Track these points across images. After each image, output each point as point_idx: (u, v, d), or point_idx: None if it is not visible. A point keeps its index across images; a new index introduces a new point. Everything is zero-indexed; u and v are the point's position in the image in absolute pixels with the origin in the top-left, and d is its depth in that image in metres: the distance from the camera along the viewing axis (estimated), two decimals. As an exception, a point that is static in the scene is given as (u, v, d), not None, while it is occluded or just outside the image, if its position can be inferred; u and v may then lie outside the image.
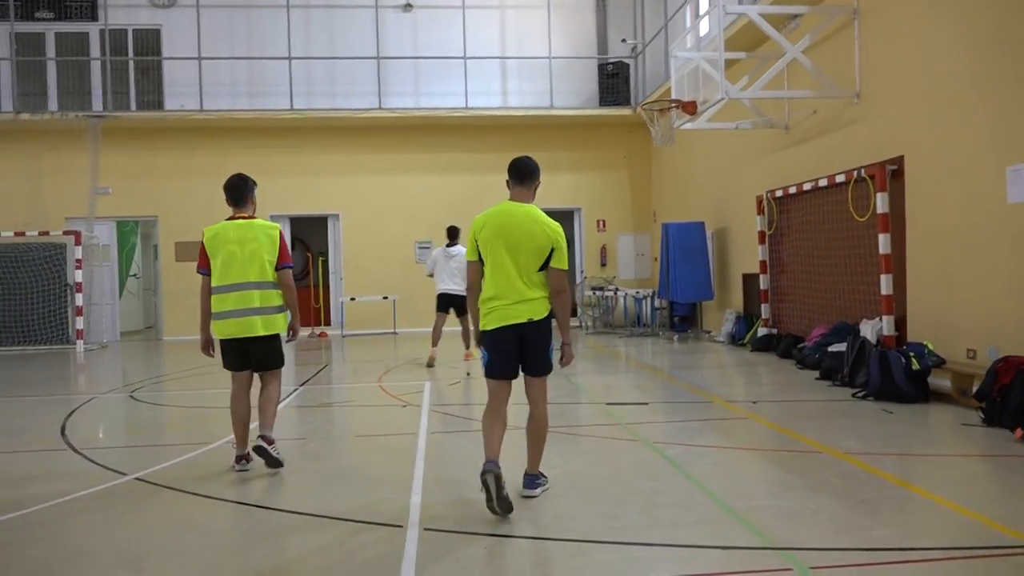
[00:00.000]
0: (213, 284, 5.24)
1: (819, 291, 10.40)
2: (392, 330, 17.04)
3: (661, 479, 4.86)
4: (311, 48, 17.55)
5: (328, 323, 17.67)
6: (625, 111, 16.89)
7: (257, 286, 5.19)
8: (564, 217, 18.62)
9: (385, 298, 17.00)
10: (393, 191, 17.71)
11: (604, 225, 18.22)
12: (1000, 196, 7.01)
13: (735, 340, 12.48)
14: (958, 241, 7.63)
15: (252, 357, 5.32)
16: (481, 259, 4.46)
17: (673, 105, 10.56)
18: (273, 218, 17.39)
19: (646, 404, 7.47)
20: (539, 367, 4.50)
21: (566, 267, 4.49)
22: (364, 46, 17.35)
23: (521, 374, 4.54)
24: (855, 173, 9.05)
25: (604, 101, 17.50)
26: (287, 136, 17.36)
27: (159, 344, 16.40)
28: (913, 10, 8.33)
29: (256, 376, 5.42)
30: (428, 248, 17.54)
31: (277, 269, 5.28)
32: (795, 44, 9.75)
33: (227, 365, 5.39)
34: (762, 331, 11.68)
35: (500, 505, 4.08)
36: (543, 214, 4.51)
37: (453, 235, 11.28)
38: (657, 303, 14.95)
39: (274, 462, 5.20)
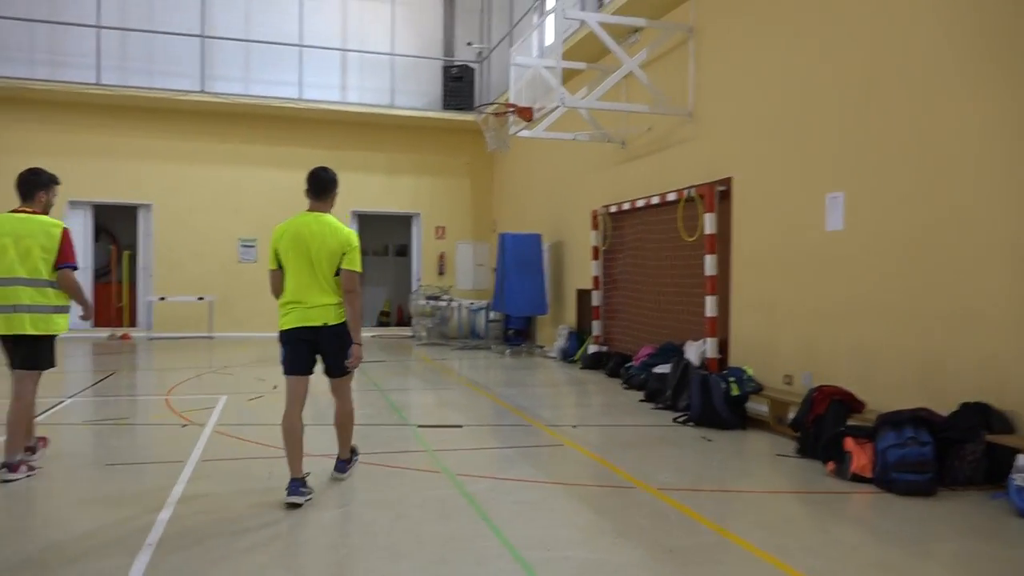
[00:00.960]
0: None
1: (648, 310, 10.25)
2: (207, 334, 15.59)
3: (455, 522, 4.23)
4: (127, 19, 15.81)
5: (133, 324, 15.92)
6: (469, 116, 16.33)
7: (28, 283, 5.00)
8: (401, 222, 17.89)
9: (201, 299, 15.54)
10: (215, 183, 16.27)
11: (443, 232, 17.62)
12: (819, 223, 6.99)
13: (567, 356, 12.19)
14: (779, 265, 7.59)
15: (17, 355, 5.10)
16: (281, 267, 4.71)
17: (509, 110, 10.10)
18: (74, 204, 15.59)
19: (460, 427, 6.86)
20: (338, 369, 4.82)
21: (358, 268, 4.72)
22: (189, 22, 15.85)
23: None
24: (685, 192, 8.93)
25: (448, 104, 16.93)
26: (94, 114, 15.54)
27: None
28: (745, 30, 8.29)
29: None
30: (252, 247, 16.27)
31: (56, 268, 5.08)
32: (633, 57, 9.55)
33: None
34: (593, 348, 11.44)
35: None
36: (338, 222, 4.79)
37: None
38: (492, 315, 14.48)
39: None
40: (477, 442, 6.34)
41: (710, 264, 8.46)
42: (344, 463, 5.09)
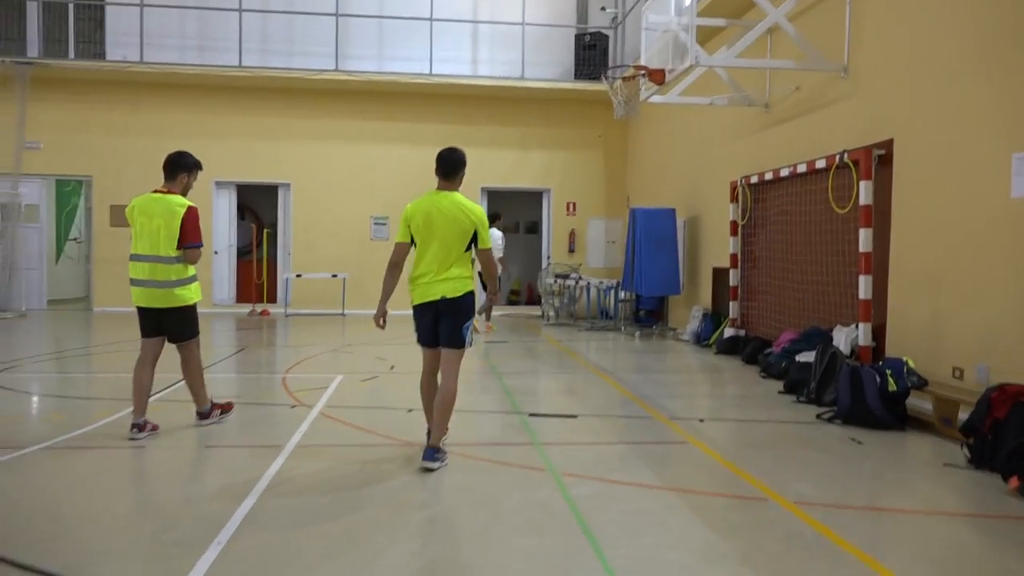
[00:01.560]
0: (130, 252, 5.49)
1: (791, 291, 9.27)
2: (340, 311, 15.85)
3: (550, 534, 3.73)
4: (269, 2, 16.19)
5: (272, 300, 16.44)
6: (601, 86, 15.52)
7: (156, 259, 5.38)
8: (532, 198, 17.45)
9: (334, 276, 15.79)
10: (349, 161, 16.45)
11: (574, 208, 17.02)
12: (1003, 189, 5.88)
13: (700, 340, 11.36)
14: (950, 241, 6.51)
15: (163, 327, 5.57)
16: (413, 242, 4.92)
17: (640, 73, 9.35)
18: (220, 184, 16.23)
19: (575, 417, 6.33)
20: (450, 340, 4.89)
21: (489, 246, 5.00)
22: (325, 2, 16.01)
23: None
24: (837, 158, 7.90)
25: (580, 74, 16.23)
26: (235, 96, 16.06)
27: (88, 315, 15.15)
28: (914, -30, 7.15)
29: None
30: (384, 224, 16.36)
31: (180, 248, 5.43)
32: (779, 7, 8.54)
33: (142, 330, 5.61)
34: (729, 332, 10.56)
35: None
36: (466, 200, 4.95)
37: (494, 218, 12.79)
38: (622, 295, 13.81)
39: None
40: (591, 435, 5.79)
41: (865, 239, 7.44)
42: (432, 452, 4.80)
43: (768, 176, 9.58)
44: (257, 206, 18.28)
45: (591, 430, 5.95)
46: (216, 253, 16.21)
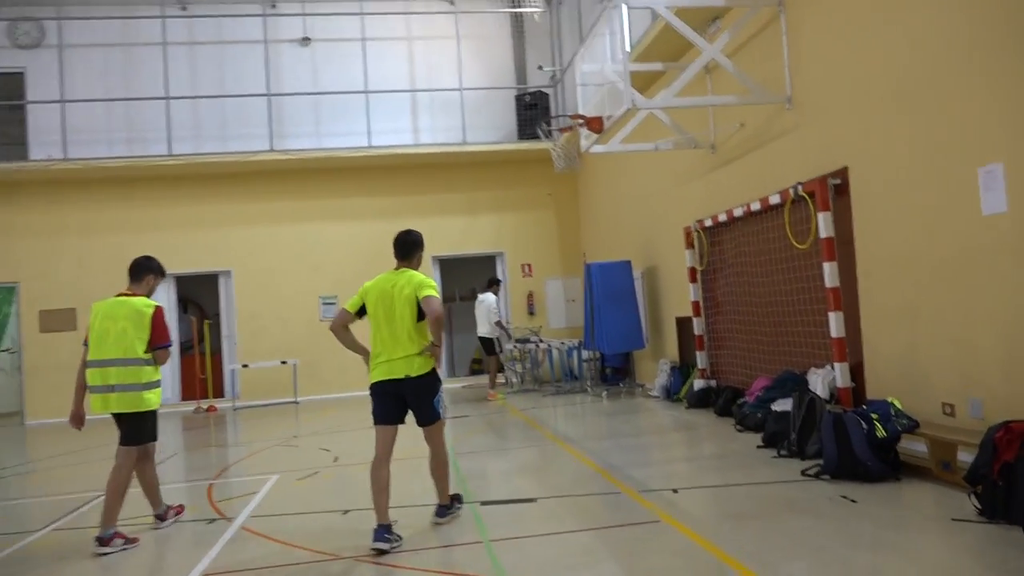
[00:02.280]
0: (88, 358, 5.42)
1: (760, 335, 8.71)
2: (293, 398, 14.97)
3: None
4: (198, 88, 15.74)
5: (220, 395, 15.51)
6: (546, 144, 15.19)
7: (121, 363, 5.30)
8: (486, 262, 16.90)
9: (284, 363, 14.95)
10: (293, 242, 15.81)
11: (530, 270, 16.50)
12: (972, 206, 5.41)
13: (670, 395, 10.71)
14: (922, 267, 6.01)
15: (121, 431, 5.46)
16: (360, 312, 5.05)
17: (577, 122, 8.93)
18: (156, 278, 15.38)
19: (533, 501, 5.59)
20: (426, 418, 5.04)
21: (430, 294, 4.94)
22: (258, 84, 15.61)
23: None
24: (791, 191, 7.45)
25: (523, 135, 15.92)
26: (168, 186, 15.44)
27: (21, 430, 14.06)
28: (847, -10, 6.84)
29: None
30: (333, 303, 15.65)
31: (150, 350, 5.38)
32: (714, 43, 8.20)
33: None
34: (699, 384, 9.93)
35: None
36: (417, 273, 5.10)
37: (489, 284, 13.38)
38: (586, 355, 13.16)
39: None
40: (550, 523, 5.04)
41: (830, 273, 6.94)
42: (444, 508, 5.15)
43: (722, 217, 9.12)
44: (199, 297, 17.47)
45: (551, 516, 5.21)
46: (157, 350, 15.29)
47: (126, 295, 5.51)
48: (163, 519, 5.67)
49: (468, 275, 17.59)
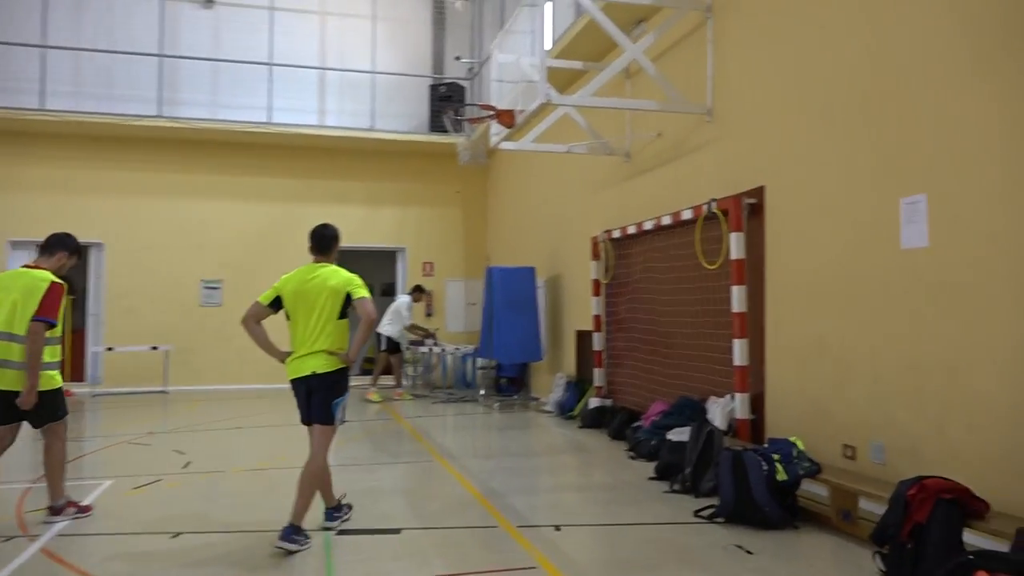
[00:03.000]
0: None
1: (661, 356, 8.29)
2: (162, 387, 13.75)
3: None
4: (82, 39, 14.27)
5: (80, 379, 14.10)
6: (454, 136, 14.48)
7: (11, 338, 4.98)
8: (386, 258, 16.06)
9: (155, 348, 13.71)
10: (176, 218, 14.54)
11: (431, 268, 15.76)
12: (892, 239, 5.07)
13: (564, 411, 10.21)
14: (832, 298, 5.65)
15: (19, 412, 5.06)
16: (274, 306, 4.84)
17: (487, 113, 8.31)
18: (16, 244, 13.90)
19: (397, 533, 4.91)
20: (320, 416, 4.79)
21: (364, 295, 4.82)
22: (151, 43, 14.30)
23: None
24: (704, 208, 7.04)
25: (435, 127, 15.16)
26: (38, 143, 13.91)
27: None
28: (780, 6, 6.46)
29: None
30: (217, 288, 14.50)
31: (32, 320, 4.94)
32: (637, 43, 7.73)
33: None
34: (594, 402, 9.47)
35: None
36: (340, 270, 4.92)
37: (415, 289, 13.45)
38: (481, 362, 12.56)
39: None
40: (410, 563, 4.36)
41: (738, 298, 6.55)
42: (331, 512, 4.94)
43: (631, 230, 8.68)
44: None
45: (414, 552, 4.53)
46: (10, 324, 13.80)
47: (30, 266, 5.21)
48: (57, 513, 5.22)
49: (366, 270, 16.63)
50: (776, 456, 5.06)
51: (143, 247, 14.30)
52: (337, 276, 4.83)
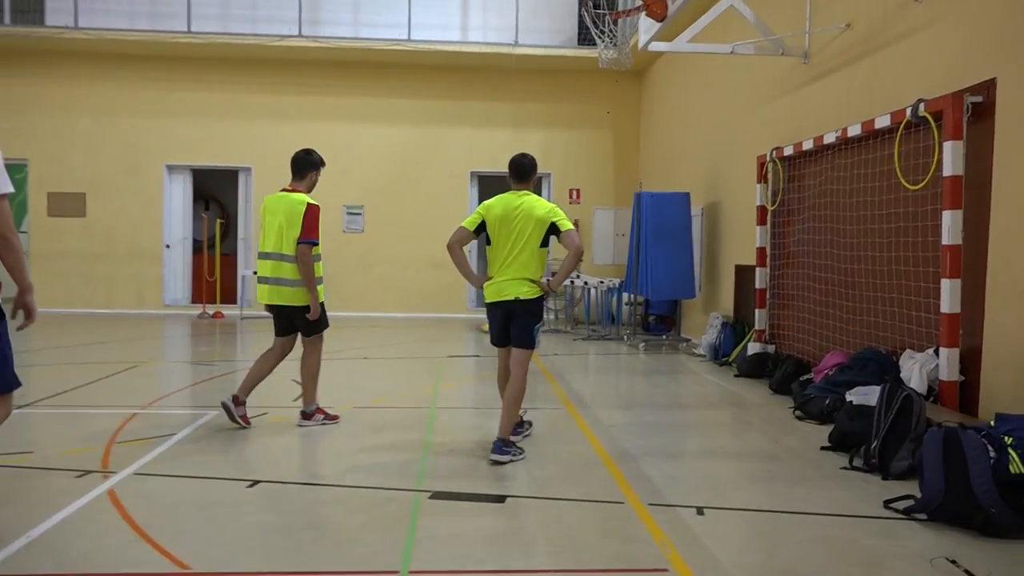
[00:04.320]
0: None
1: (840, 297, 6.90)
2: (305, 313, 13.72)
3: None
4: (228, -37, 14.07)
5: (232, 301, 14.34)
6: (597, 37, 13.06)
7: (279, 257, 5.38)
8: (530, 184, 15.12)
9: (299, 274, 13.63)
10: (318, 142, 13.82)
11: (578, 196, 14.73)
12: None
13: (718, 356, 9.00)
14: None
15: (287, 324, 5.64)
16: (477, 232, 4.99)
17: (637, 6, 7.04)
18: (172, 169, 14.23)
19: (501, 502, 4.06)
20: (521, 341, 4.97)
21: (572, 227, 4.87)
22: (295, -39, 13.86)
23: None
24: (908, 111, 5.52)
25: (584, 41, 13.85)
26: (188, 67, 14.01)
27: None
28: None
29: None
30: (359, 214, 14.23)
31: (297, 243, 5.33)
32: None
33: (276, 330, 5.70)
34: (754, 347, 8.21)
35: None
36: (543, 200, 4.99)
37: None
38: (627, 298, 11.49)
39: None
40: (511, 546, 3.49)
41: (951, 226, 5.09)
42: (501, 444, 4.79)
43: (808, 145, 7.21)
44: (223, 194, 16.21)
45: (513, 533, 3.66)
46: (168, 247, 14.21)
47: (287, 190, 5.54)
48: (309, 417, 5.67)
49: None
50: (1008, 439, 3.72)
51: (287, 172, 14.08)
52: (542, 206, 4.90)
